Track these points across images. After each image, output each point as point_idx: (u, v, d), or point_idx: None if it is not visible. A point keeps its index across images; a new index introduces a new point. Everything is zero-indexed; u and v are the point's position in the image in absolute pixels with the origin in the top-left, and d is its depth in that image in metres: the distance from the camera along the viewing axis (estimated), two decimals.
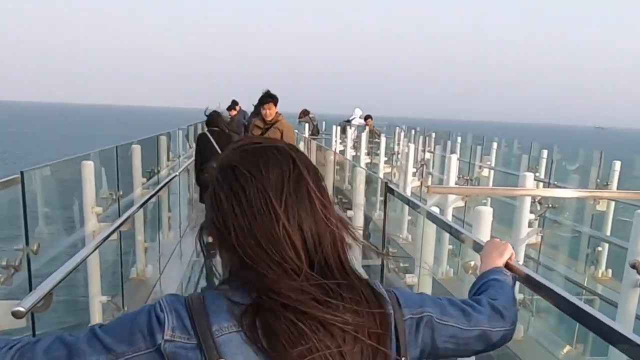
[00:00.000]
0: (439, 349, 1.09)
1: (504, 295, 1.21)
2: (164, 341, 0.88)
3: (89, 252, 3.10)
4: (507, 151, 10.40)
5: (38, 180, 4.00)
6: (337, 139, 11.86)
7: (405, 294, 1.07)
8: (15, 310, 2.26)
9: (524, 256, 4.39)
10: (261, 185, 0.93)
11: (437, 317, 1.07)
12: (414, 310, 1.04)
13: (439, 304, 1.11)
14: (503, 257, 1.41)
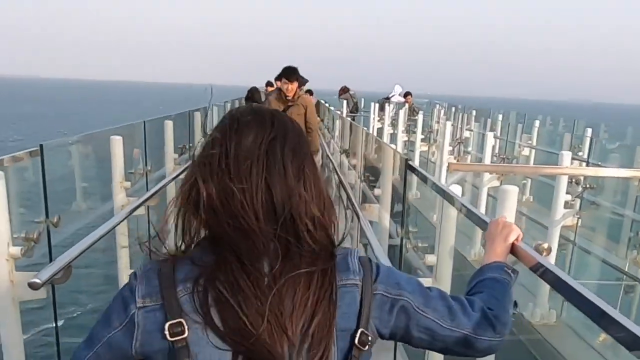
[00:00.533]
0: (412, 338, 1.07)
1: (499, 303, 1.13)
2: (137, 309, 0.94)
3: (110, 226, 3.13)
4: (552, 130, 9.96)
5: (66, 153, 4.07)
6: (375, 117, 11.66)
7: (386, 271, 1.05)
8: (31, 281, 2.29)
9: (559, 237, 4.20)
10: (232, 149, 0.96)
11: (417, 306, 1.04)
12: (390, 289, 1.03)
13: (425, 294, 1.08)
14: (507, 240, 1.33)
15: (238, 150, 0.96)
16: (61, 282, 2.52)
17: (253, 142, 0.97)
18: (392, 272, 1.08)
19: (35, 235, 2.54)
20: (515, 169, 5.47)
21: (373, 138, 6.57)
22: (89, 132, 4.23)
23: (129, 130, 4.40)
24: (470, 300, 1.12)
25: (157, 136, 5.34)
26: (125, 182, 4.08)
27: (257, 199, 0.93)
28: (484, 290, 1.17)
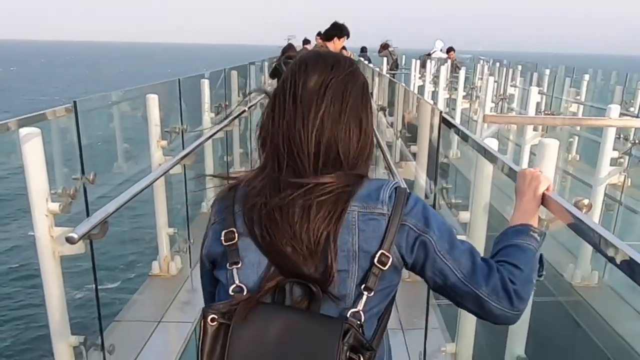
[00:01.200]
0: (427, 277, 1.13)
1: (522, 277, 1.12)
2: (210, 225, 1.21)
3: (146, 184, 3.17)
4: (603, 85, 9.47)
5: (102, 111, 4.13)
6: (416, 74, 11.36)
7: (421, 207, 1.12)
8: (69, 236, 2.35)
9: (605, 197, 4.02)
10: (299, 88, 1.11)
11: (439, 249, 1.10)
12: (418, 224, 1.10)
13: (452, 242, 1.11)
14: (537, 193, 1.31)
15: (303, 89, 1.11)
16: (98, 238, 2.59)
17: (315, 83, 1.11)
18: (427, 210, 1.13)
19: (72, 192, 2.59)
20: (556, 120, 5.22)
21: (411, 94, 6.41)
22: (126, 89, 4.26)
23: (164, 89, 4.42)
24: (497, 268, 1.12)
25: (194, 95, 5.35)
26: (162, 141, 4.11)
27: (312, 134, 1.09)
28: (508, 260, 1.14)
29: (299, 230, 1.06)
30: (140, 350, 3.08)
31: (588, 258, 4.00)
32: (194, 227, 4.82)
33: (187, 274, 4.11)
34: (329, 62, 1.14)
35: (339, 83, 1.12)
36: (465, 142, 2.38)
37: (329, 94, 1.11)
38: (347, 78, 1.14)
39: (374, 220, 1.08)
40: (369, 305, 1.07)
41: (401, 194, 1.11)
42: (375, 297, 1.08)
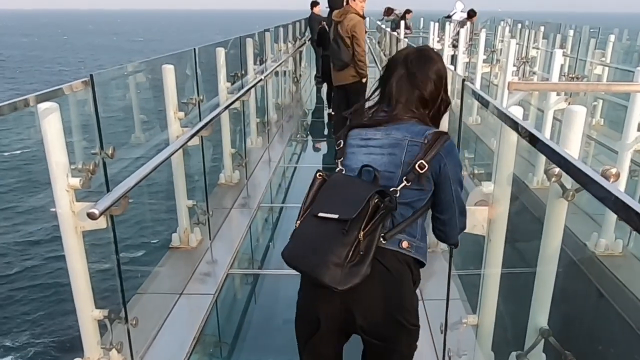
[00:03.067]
0: (438, 189, 1.79)
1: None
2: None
3: (164, 157, 3.15)
4: (629, 45, 9.16)
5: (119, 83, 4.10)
6: (434, 37, 11.09)
7: (453, 151, 1.78)
8: (90, 211, 2.36)
9: (631, 163, 3.91)
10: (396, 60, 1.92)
11: (452, 179, 1.78)
12: (447, 158, 1.75)
13: (461, 184, 1.83)
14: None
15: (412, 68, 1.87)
16: (119, 213, 2.60)
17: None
18: (456, 156, 1.81)
19: (91, 167, 2.59)
20: (581, 86, 5.06)
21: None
22: (142, 60, 4.21)
23: (180, 59, 4.37)
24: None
25: (209, 64, 5.29)
26: (179, 112, 4.09)
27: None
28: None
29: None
30: (163, 322, 3.13)
31: (612, 227, 3.92)
32: (212, 198, 4.84)
33: (206, 246, 4.14)
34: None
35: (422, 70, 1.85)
36: (489, 110, 2.31)
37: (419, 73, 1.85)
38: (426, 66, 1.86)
39: (415, 146, 1.73)
40: (405, 192, 1.71)
41: (442, 136, 1.74)
42: (412, 190, 1.72)
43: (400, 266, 1.74)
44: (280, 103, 8.96)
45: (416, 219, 1.76)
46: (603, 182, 1.31)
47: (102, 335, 2.69)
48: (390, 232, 1.71)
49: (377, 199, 1.61)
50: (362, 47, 5.99)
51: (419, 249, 1.78)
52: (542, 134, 1.95)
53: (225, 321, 3.40)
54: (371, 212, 1.60)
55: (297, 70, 11.33)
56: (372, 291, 1.70)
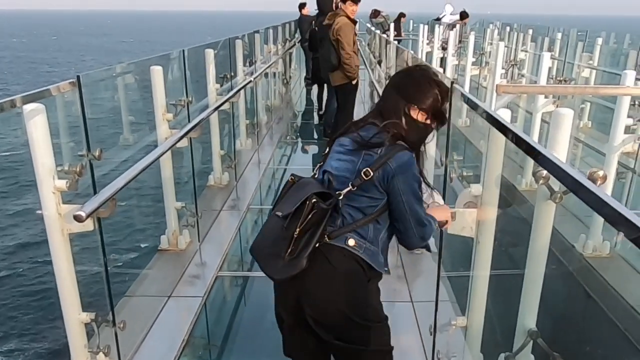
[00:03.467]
0: (390, 199, 1.92)
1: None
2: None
3: (152, 159, 3.13)
4: (616, 48, 9.23)
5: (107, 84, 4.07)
6: (424, 40, 11.13)
7: (405, 162, 1.88)
8: (76, 214, 2.34)
9: (618, 165, 3.94)
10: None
11: (402, 191, 1.88)
12: (396, 168, 1.86)
13: (415, 194, 1.92)
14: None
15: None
16: (106, 215, 2.58)
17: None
18: (408, 166, 1.88)
19: (78, 169, 2.56)
20: (569, 89, 5.10)
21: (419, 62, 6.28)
22: (130, 62, 4.19)
23: (168, 60, 4.34)
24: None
25: (198, 66, 5.26)
26: (167, 114, 4.06)
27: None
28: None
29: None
30: (151, 325, 3.11)
31: (600, 228, 3.95)
32: (201, 200, 4.82)
33: (195, 248, 4.11)
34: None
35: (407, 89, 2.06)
36: (477, 113, 2.31)
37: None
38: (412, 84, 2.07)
39: (371, 156, 1.88)
40: (355, 198, 1.87)
41: (395, 148, 1.87)
42: (362, 196, 1.87)
43: (348, 263, 1.86)
44: (270, 105, 8.95)
45: (367, 222, 1.88)
46: (589, 184, 1.32)
47: (89, 339, 2.67)
48: (338, 231, 1.87)
49: (315, 200, 1.77)
50: (346, 51, 6.05)
51: (368, 250, 1.88)
52: (530, 137, 1.96)
53: (215, 324, 3.38)
54: (307, 211, 1.76)
55: (286, 72, 11.32)
56: (318, 284, 1.86)
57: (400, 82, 2.09)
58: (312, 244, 1.79)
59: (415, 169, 1.92)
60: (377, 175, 1.84)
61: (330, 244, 1.85)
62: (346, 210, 1.88)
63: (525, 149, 1.94)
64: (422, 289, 3.50)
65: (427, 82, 2.03)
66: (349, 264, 1.87)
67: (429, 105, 2.01)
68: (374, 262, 1.91)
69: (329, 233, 1.85)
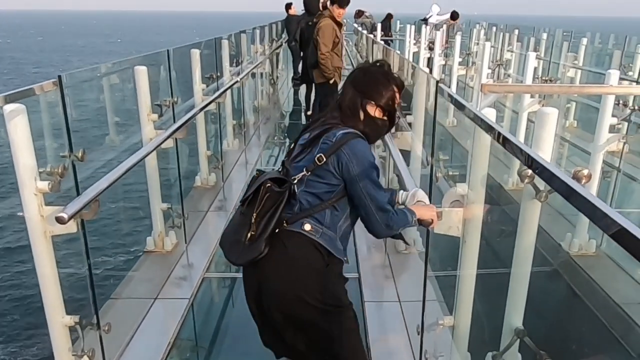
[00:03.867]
0: (347, 185, 1.98)
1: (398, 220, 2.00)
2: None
3: (137, 159, 3.10)
4: (600, 49, 9.33)
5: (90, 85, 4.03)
6: (411, 40, 11.15)
7: (357, 148, 1.96)
8: (58, 216, 2.30)
9: (603, 164, 3.97)
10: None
11: (356, 174, 1.94)
12: (349, 154, 1.94)
13: (370, 178, 1.95)
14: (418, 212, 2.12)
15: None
16: (89, 217, 2.54)
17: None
18: (361, 152, 1.95)
19: (60, 170, 2.52)
20: (554, 88, 5.14)
21: (405, 62, 6.29)
22: (115, 61, 4.14)
23: (153, 60, 4.30)
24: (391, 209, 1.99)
25: (184, 66, 5.23)
26: (152, 114, 4.02)
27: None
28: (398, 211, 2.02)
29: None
30: (137, 327, 3.07)
31: (586, 227, 3.98)
32: (188, 201, 4.78)
33: (182, 250, 4.08)
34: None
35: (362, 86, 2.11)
36: (463, 113, 2.32)
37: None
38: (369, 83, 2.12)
39: (326, 144, 1.95)
40: (312, 184, 1.95)
41: (347, 136, 1.95)
42: (318, 182, 1.95)
43: (305, 248, 1.92)
44: (257, 105, 8.91)
45: (324, 208, 1.94)
46: (572, 183, 1.33)
47: (74, 343, 2.63)
48: (295, 216, 1.93)
49: (269, 184, 1.88)
50: (322, 51, 6.14)
51: (324, 235, 1.94)
52: (516, 136, 1.97)
53: (202, 325, 3.35)
54: (261, 195, 1.87)
55: (274, 72, 11.29)
56: (277, 270, 1.91)
57: (358, 77, 2.12)
58: (270, 228, 1.86)
59: (371, 157, 1.97)
60: (332, 161, 1.92)
61: (288, 230, 1.91)
62: (303, 197, 1.94)
63: (508, 148, 1.95)
64: (410, 289, 3.49)
65: (384, 79, 2.08)
66: (306, 249, 1.92)
67: (385, 101, 2.06)
68: (332, 248, 1.96)
69: (287, 219, 1.91)
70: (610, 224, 1.07)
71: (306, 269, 1.93)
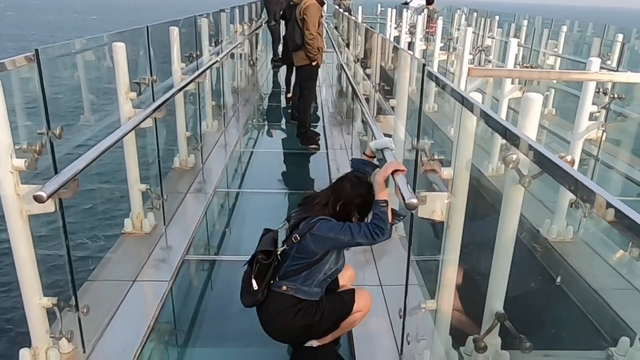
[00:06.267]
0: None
1: (376, 226, 2.42)
2: None
3: (116, 138, 3.02)
4: (579, 37, 9.43)
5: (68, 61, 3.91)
6: (392, 24, 11.11)
7: (321, 225, 2.51)
8: (36, 194, 2.23)
9: (582, 152, 4.02)
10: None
11: (330, 237, 2.50)
12: (317, 229, 2.50)
13: (335, 231, 2.47)
14: (379, 180, 2.50)
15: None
16: (68, 196, 2.47)
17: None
18: (323, 226, 2.49)
19: (37, 147, 2.44)
20: (542, 74, 5.18)
21: (389, 44, 6.26)
22: (90, 37, 4.01)
23: (131, 37, 4.19)
24: (364, 225, 2.46)
25: (163, 44, 5.11)
26: (130, 93, 3.92)
27: None
28: (373, 220, 2.46)
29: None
30: (115, 310, 3.02)
31: (564, 214, 4.03)
32: (166, 183, 4.70)
33: (161, 232, 4.02)
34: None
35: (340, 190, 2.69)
36: (451, 95, 2.31)
37: None
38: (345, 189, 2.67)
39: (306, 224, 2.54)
40: (286, 254, 2.55)
41: (315, 221, 2.51)
42: (292, 255, 2.53)
43: (281, 301, 2.54)
44: (236, 86, 8.80)
45: (299, 272, 2.53)
46: (565, 166, 1.40)
47: (51, 324, 2.57)
48: (280, 275, 2.56)
49: (260, 256, 2.51)
50: (310, 31, 6.06)
51: (299, 290, 2.54)
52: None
53: (181, 309, 3.32)
54: (255, 265, 2.52)
55: (253, 53, 11.14)
56: (269, 321, 2.60)
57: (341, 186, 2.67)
58: (263, 284, 2.52)
59: (335, 226, 2.49)
60: (306, 239, 2.48)
61: (272, 289, 2.55)
62: (289, 262, 2.54)
63: (498, 130, 1.96)
64: (391, 273, 3.51)
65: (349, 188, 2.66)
66: (283, 303, 2.54)
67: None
68: (306, 296, 2.55)
69: (278, 275, 2.56)
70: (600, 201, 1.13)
71: (282, 318, 2.56)
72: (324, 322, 2.59)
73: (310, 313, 2.56)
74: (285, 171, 6.28)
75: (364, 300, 2.68)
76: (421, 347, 2.63)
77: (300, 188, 5.40)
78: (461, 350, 2.58)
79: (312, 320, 2.56)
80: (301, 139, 6.74)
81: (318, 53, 6.27)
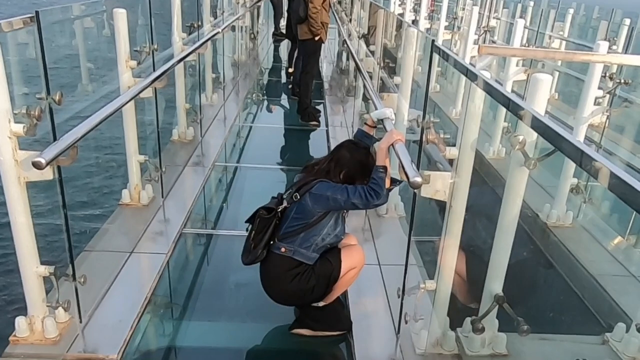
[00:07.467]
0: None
1: (372, 190, 2.49)
2: None
3: (116, 107, 2.97)
4: (585, 20, 9.30)
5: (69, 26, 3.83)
6: (395, 1, 10.93)
7: (320, 187, 2.61)
8: (35, 160, 2.19)
9: (585, 138, 3.98)
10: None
11: (329, 196, 2.59)
12: (316, 190, 2.61)
13: (334, 191, 2.57)
14: (382, 147, 2.58)
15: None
16: (67, 163, 2.43)
17: None
18: (322, 188, 2.60)
19: (36, 113, 2.39)
20: (550, 54, 5.11)
21: (394, 20, 6.16)
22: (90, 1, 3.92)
23: (132, 3, 4.09)
24: (361, 188, 2.53)
25: (165, 12, 5.00)
26: (131, 61, 3.85)
27: None
28: (369, 184, 2.52)
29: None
30: (112, 281, 3.00)
31: (564, 198, 4.02)
32: (165, 155, 4.65)
33: (159, 204, 3.99)
34: None
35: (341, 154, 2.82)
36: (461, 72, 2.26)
37: None
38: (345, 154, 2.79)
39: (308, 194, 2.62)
40: (288, 212, 2.64)
41: (315, 182, 2.62)
42: (291, 216, 2.62)
43: (279, 263, 2.63)
44: (236, 60, 8.68)
45: (298, 234, 2.61)
46: (573, 140, 1.44)
47: (48, 293, 2.56)
48: (280, 236, 2.64)
49: (261, 212, 2.63)
50: (314, 4, 5.95)
51: (297, 252, 2.61)
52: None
53: (178, 282, 3.31)
54: (256, 220, 2.63)
55: (254, 26, 10.98)
56: (268, 282, 2.71)
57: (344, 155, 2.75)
58: (263, 242, 2.62)
59: (333, 186, 2.59)
60: (305, 198, 2.58)
61: (272, 251, 2.64)
62: (288, 222, 2.63)
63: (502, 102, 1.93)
64: (389, 252, 3.50)
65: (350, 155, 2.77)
66: (281, 265, 2.63)
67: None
68: (304, 259, 2.62)
69: (277, 236, 2.64)
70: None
71: (281, 278, 2.64)
72: (317, 287, 2.66)
73: (306, 278, 2.63)
74: (284, 147, 6.23)
75: (356, 256, 2.73)
76: (418, 326, 2.62)
77: (299, 164, 5.33)
78: (458, 331, 2.59)
79: (306, 285, 2.63)
80: (302, 115, 6.68)
81: (322, 28, 6.17)
